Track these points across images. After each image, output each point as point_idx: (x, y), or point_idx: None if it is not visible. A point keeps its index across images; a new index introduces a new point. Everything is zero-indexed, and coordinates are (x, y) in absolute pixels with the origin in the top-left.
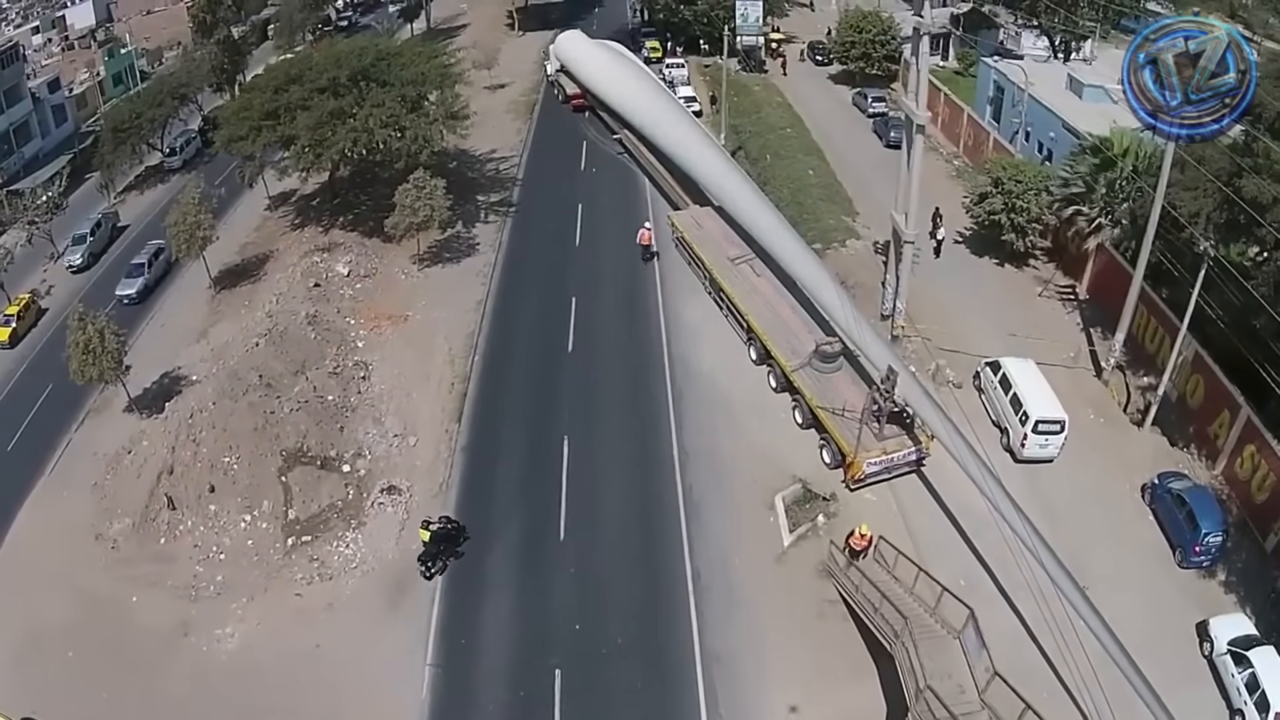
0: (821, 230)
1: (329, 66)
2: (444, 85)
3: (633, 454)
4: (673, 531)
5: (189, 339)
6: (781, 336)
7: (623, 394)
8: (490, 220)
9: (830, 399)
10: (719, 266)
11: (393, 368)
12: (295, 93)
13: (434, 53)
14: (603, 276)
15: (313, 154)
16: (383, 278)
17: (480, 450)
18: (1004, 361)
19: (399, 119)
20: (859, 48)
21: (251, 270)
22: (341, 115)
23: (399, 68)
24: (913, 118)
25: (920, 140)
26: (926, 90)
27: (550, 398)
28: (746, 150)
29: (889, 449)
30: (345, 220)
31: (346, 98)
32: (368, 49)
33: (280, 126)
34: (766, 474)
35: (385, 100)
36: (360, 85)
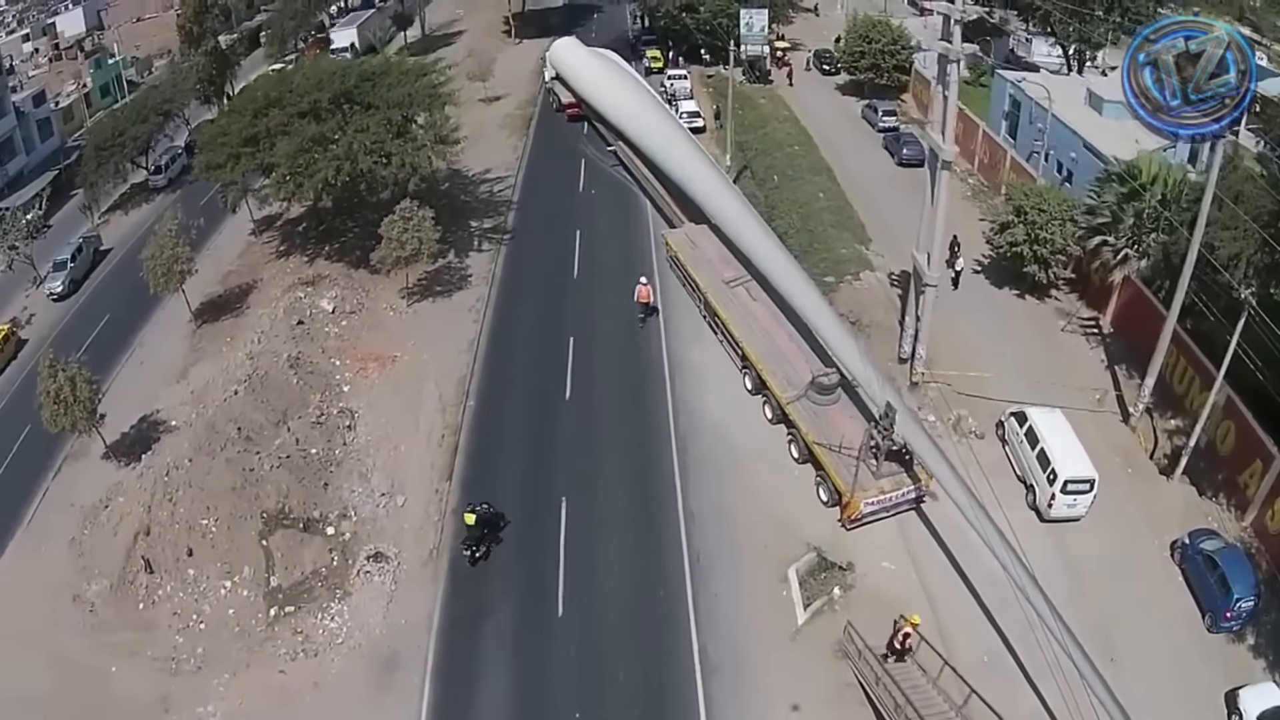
0: (833, 261)
1: (309, 88)
2: (433, 107)
3: (635, 517)
4: (679, 606)
5: (169, 378)
6: (777, 366)
7: (624, 447)
8: (483, 248)
9: (827, 434)
10: (713, 289)
11: (380, 416)
12: (275, 117)
13: (422, 70)
14: (602, 314)
15: (293, 183)
16: (369, 314)
17: None
18: (1030, 413)
19: (384, 144)
20: (868, 58)
21: (234, 302)
22: (323, 141)
23: (384, 88)
24: (938, 153)
25: (946, 177)
26: (954, 122)
27: (547, 453)
28: (753, 170)
29: (886, 488)
30: (331, 249)
31: (329, 122)
32: (351, 68)
33: (259, 154)
34: (779, 539)
35: (369, 124)
36: (343, 108)
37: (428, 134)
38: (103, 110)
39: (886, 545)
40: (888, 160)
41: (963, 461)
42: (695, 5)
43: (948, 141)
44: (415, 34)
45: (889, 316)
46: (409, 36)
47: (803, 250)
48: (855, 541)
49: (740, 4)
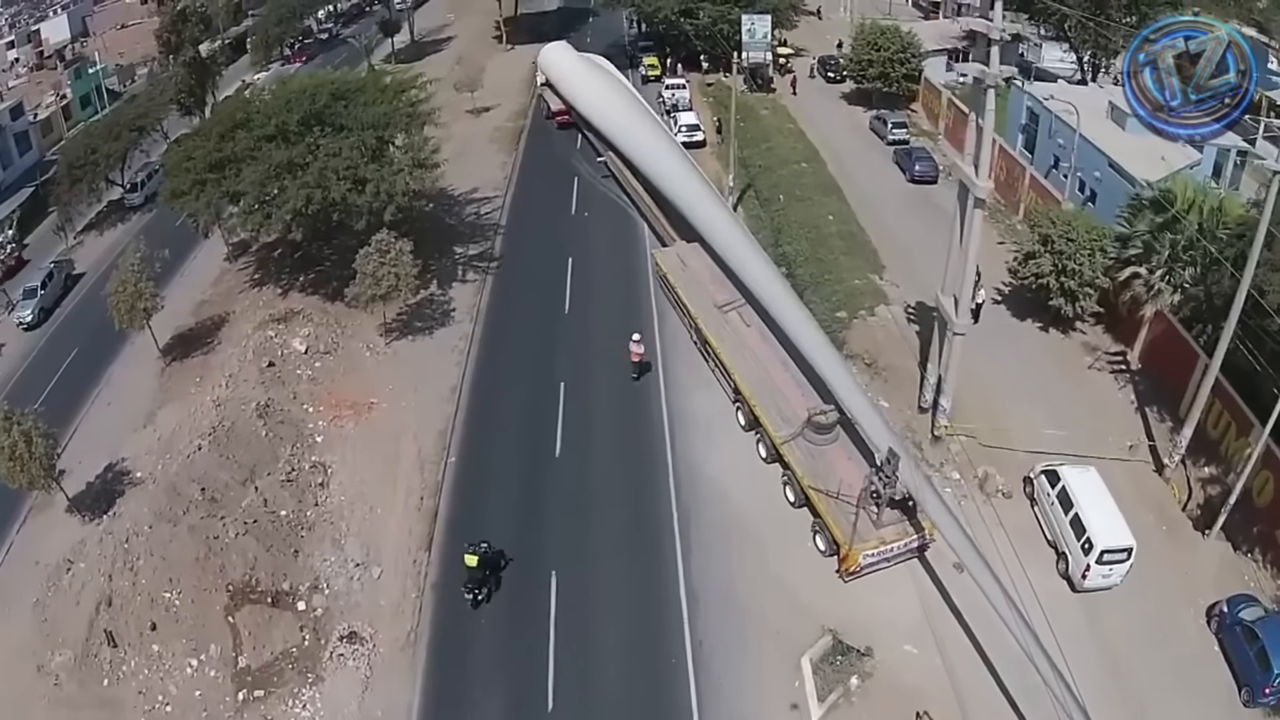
0: (846, 293)
1: (277, 110)
2: (411, 127)
3: (633, 596)
4: (680, 701)
5: (135, 422)
6: (771, 400)
7: (620, 514)
8: (468, 278)
9: (824, 476)
10: (704, 314)
11: (354, 472)
12: (241, 140)
13: (400, 86)
14: (596, 355)
15: (261, 214)
16: (345, 354)
17: (454, 590)
18: (1063, 473)
19: (358, 170)
20: (876, 66)
21: (205, 337)
22: (292, 168)
23: (359, 107)
24: (971, 189)
25: (979, 216)
26: (990, 156)
27: (535, 520)
28: (757, 190)
29: (888, 538)
30: (306, 279)
31: (298, 146)
32: (322, 86)
33: (225, 180)
34: (790, 621)
35: (342, 148)
36: (313, 131)
37: (405, 157)
38: (83, 122)
39: (908, 625)
40: (898, 176)
41: (989, 524)
42: (694, 10)
43: (982, 176)
44: (404, 39)
45: (907, 358)
46: (396, 43)
47: (813, 281)
48: (874, 619)
49: (741, 9)
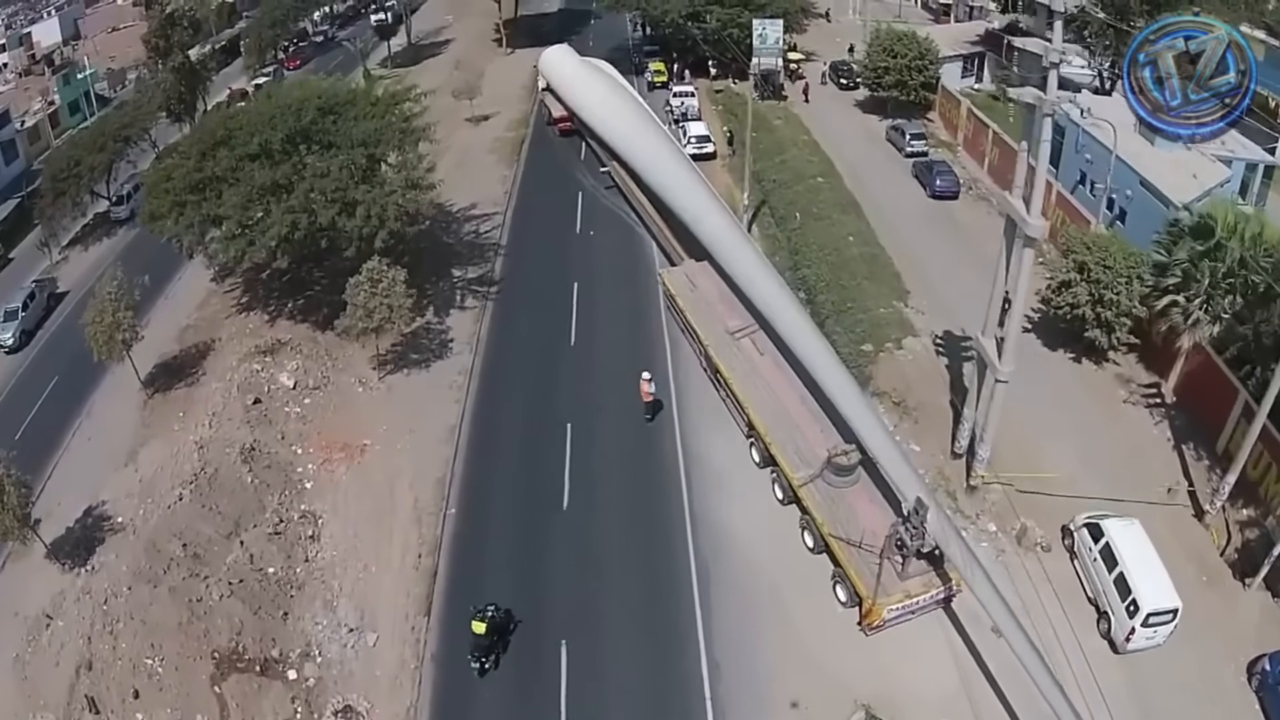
0: (871, 323)
1: (260, 126)
2: (404, 144)
3: (648, 669)
4: None
5: (116, 460)
6: (788, 437)
7: (634, 573)
8: (467, 305)
9: (845, 523)
10: (715, 341)
11: (347, 524)
12: (223, 159)
13: (393, 98)
14: (605, 393)
15: (244, 240)
16: (336, 390)
17: (455, 661)
18: (1107, 528)
19: (347, 192)
20: (893, 74)
21: (189, 366)
22: (277, 190)
23: (348, 123)
24: (1023, 228)
25: (1030, 256)
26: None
27: (541, 580)
28: (771, 207)
29: (913, 591)
30: (294, 306)
31: (283, 166)
32: (308, 100)
33: (206, 203)
34: (819, 690)
35: (330, 168)
36: (299, 149)
37: (398, 177)
38: (72, 129)
39: (943, 695)
40: (918, 192)
41: (1028, 581)
42: (702, 14)
43: (1034, 213)
44: (401, 43)
45: (939, 396)
46: (393, 46)
47: (835, 310)
48: (906, 689)
49: (751, 12)
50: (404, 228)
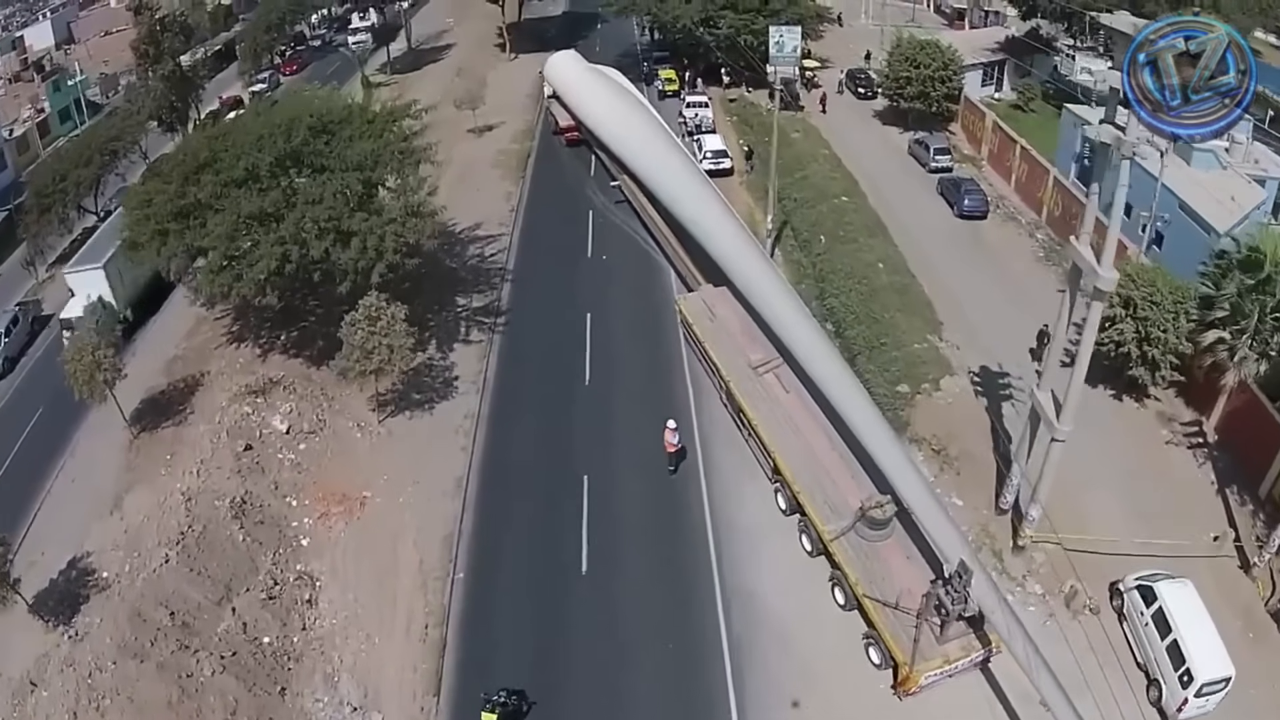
0: (907, 361)
1: (246, 148)
2: (404, 167)
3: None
4: None
5: (101, 507)
6: (817, 485)
7: (659, 650)
8: (472, 338)
9: (879, 581)
10: (736, 375)
11: (347, 588)
12: (207, 184)
13: (391, 115)
14: (624, 442)
15: (229, 274)
16: (333, 435)
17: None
18: (1160, 591)
19: (341, 221)
20: (915, 84)
21: (177, 403)
22: (265, 219)
23: (343, 143)
24: (1091, 279)
25: (1098, 310)
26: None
27: (560, 658)
28: (794, 228)
29: (952, 655)
30: (288, 338)
31: (272, 193)
32: (299, 119)
33: (189, 231)
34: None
35: (323, 195)
36: (289, 173)
37: (397, 204)
38: (63, 137)
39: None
40: (945, 211)
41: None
42: (715, 19)
43: (1106, 264)
44: (400, 47)
45: (981, 444)
46: (393, 51)
47: (868, 346)
48: None
49: (765, 18)
50: (403, 260)
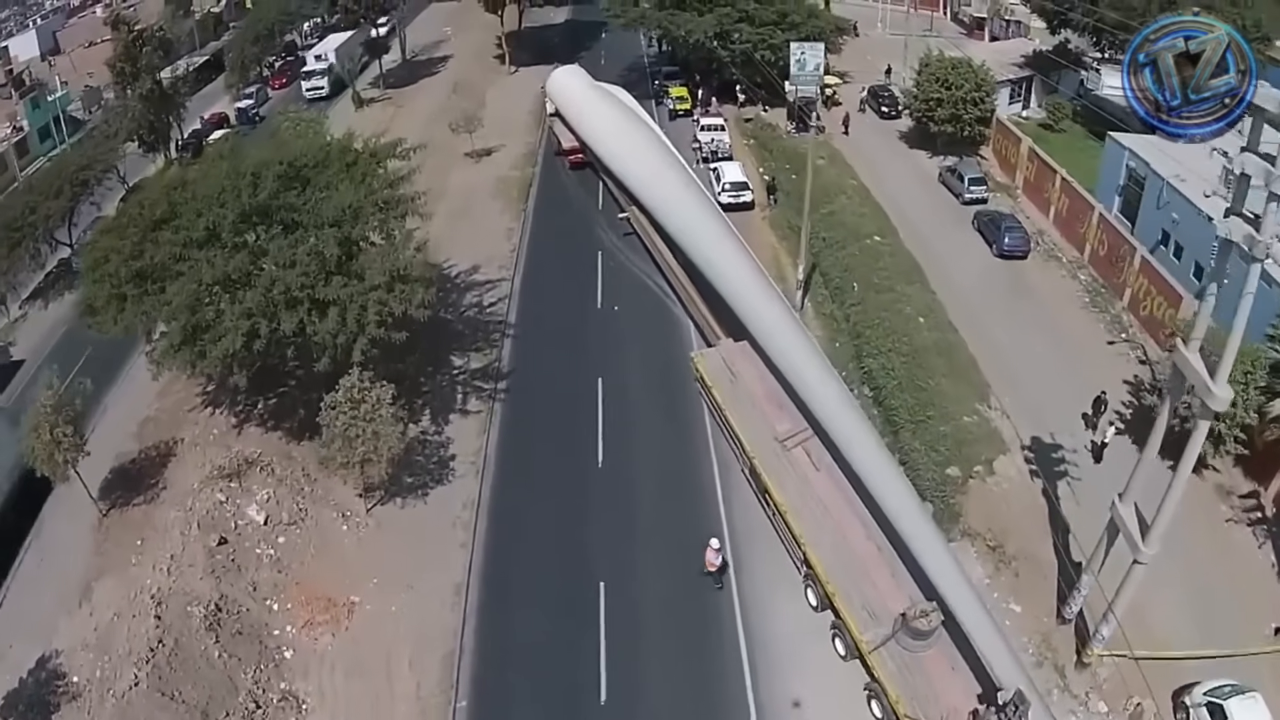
0: (957, 439)
1: (209, 203)
2: (389, 221)
3: None
4: None
5: (69, 597)
6: (853, 585)
7: None
8: (470, 407)
9: (923, 698)
10: (761, 450)
11: (336, 713)
12: (164, 243)
13: (374, 155)
14: (645, 539)
15: (191, 351)
16: (316, 526)
17: None
18: (1230, 710)
19: (316, 288)
20: (946, 107)
21: (149, 476)
22: (230, 286)
23: (317, 193)
24: (1202, 395)
25: (1204, 429)
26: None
27: None
28: (824, 272)
29: None
30: (265, 406)
31: (237, 255)
32: (268, 164)
33: (148, 298)
34: None
35: (296, 257)
36: (257, 230)
37: (381, 266)
38: (42, 157)
39: None
40: (982, 249)
41: None
42: (730, 33)
43: (1221, 381)
44: (394, 59)
45: (1041, 537)
46: (386, 63)
47: (912, 419)
48: None
49: (783, 31)
50: (389, 334)
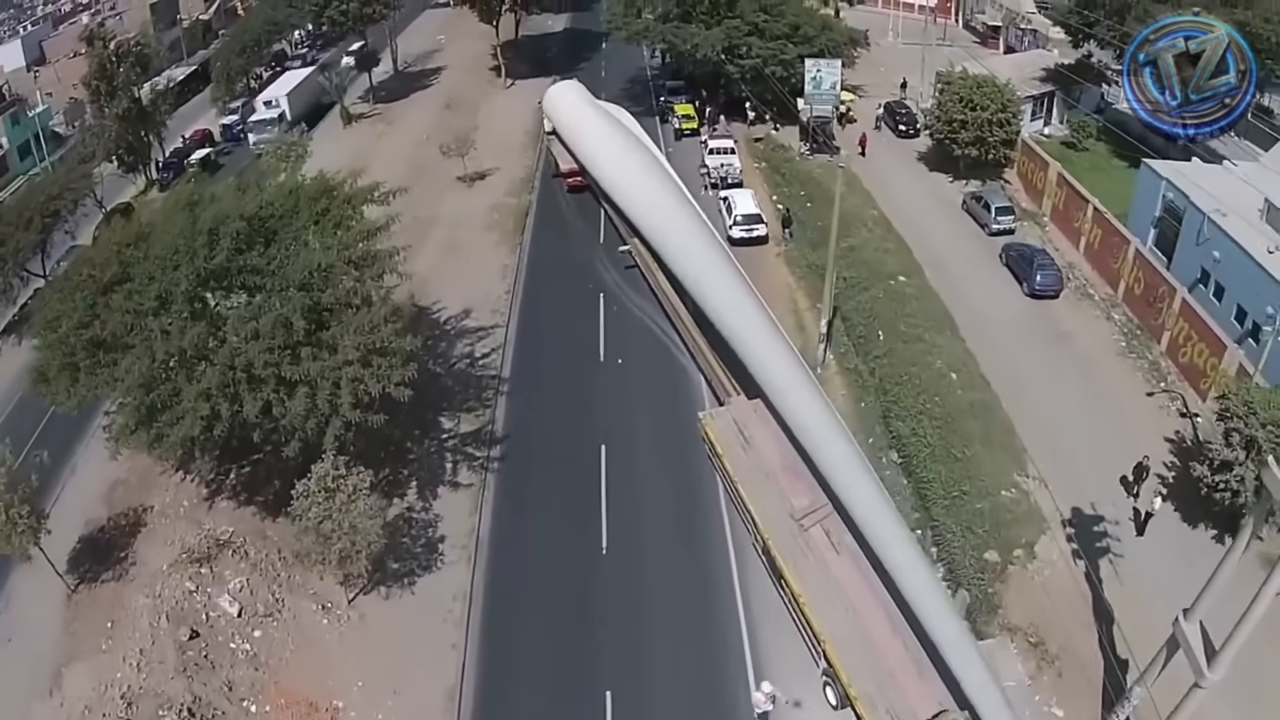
0: (994, 518)
1: (161, 267)
2: (365, 282)
3: None
4: None
5: (39, 681)
6: (878, 690)
7: None
8: (460, 478)
9: None
10: (775, 530)
11: None
12: (117, 309)
13: (349, 199)
14: (656, 641)
15: (147, 433)
16: (293, 619)
17: None
18: None
19: (282, 365)
20: (971, 129)
21: (118, 547)
22: (187, 362)
23: (282, 250)
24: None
25: (1273, 590)
26: None
27: None
28: (846, 318)
29: None
30: (238, 477)
31: (195, 327)
32: (228, 217)
33: (101, 370)
34: None
35: (260, 328)
36: (216, 294)
37: (355, 341)
38: (22, 175)
39: None
40: (1011, 287)
41: None
42: (739, 47)
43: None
44: (385, 70)
45: (1084, 631)
46: (376, 75)
47: (946, 494)
48: None
49: (795, 44)
50: (366, 417)
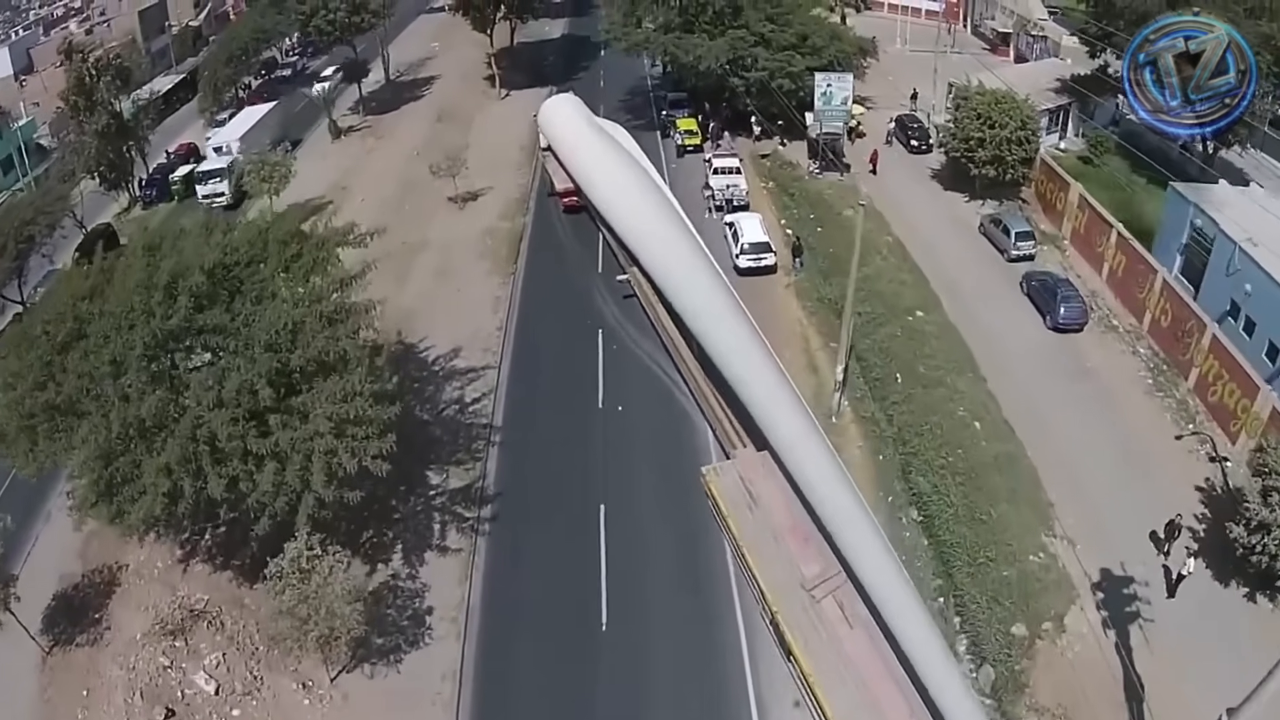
0: (1021, 586)
1: (116, 326)
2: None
3: None
4: None
5: None
6: None
7: None
8: (448, 541)
9: None
10: (785, 601)
11: None
12: (72, 370)
13: (322, 244)
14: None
15: (108, 508)
16: (273, 699)
17: None
18: None
19: (248, 438)
20: (989, 148)
21: (92, 608)
22: (146, 432)
23: (249, 305)
24: None
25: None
26: None
27: None
28: (860, 358)
29: None
30: (213, 538)
31: (155, 392)
32: (189, 267)
33: (60, 436)
34: None
35: (224, 395)
36: (174, 358)
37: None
38: (4, 192)
39: None
40: (1033, 319)
41: None
42: (744, 59)
43: None
44: (377, 80)
45: (1115, 713)
46: (366, 86)
47: (970, 560)
48: None
49: (803, 56)
50: (341, 494)
